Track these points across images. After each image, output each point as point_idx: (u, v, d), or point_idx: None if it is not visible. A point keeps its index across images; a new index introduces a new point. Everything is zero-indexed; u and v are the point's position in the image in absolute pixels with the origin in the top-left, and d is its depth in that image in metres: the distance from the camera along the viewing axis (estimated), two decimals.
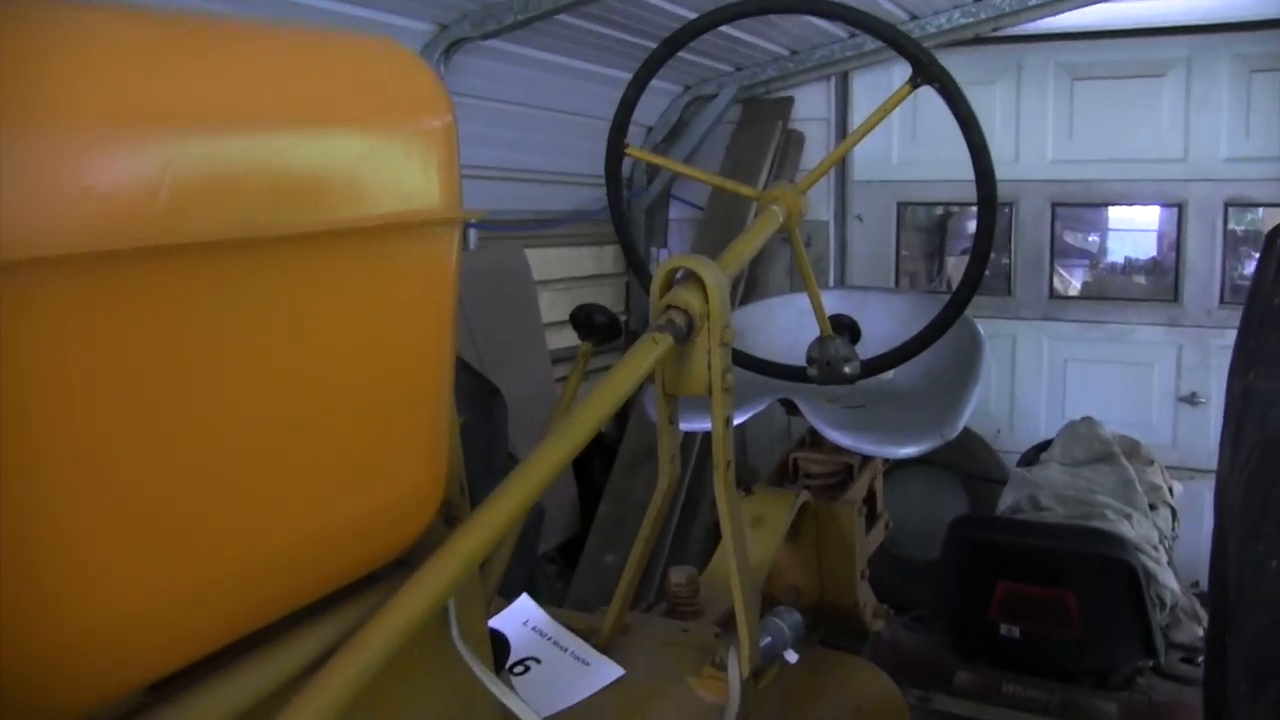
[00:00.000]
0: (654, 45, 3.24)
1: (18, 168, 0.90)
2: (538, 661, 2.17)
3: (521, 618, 2.23)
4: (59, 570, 1.00)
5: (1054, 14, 6.10)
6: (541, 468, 1.55)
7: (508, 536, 2.07)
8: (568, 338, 6.38)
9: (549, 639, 2.19)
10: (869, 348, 2.85)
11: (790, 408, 3.10)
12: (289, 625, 1.28)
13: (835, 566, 3.25)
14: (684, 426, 2.21)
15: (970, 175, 2.55)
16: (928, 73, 2.51)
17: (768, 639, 2.22)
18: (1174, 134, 6.18)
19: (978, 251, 2.62)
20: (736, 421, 2.22)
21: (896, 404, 3.32)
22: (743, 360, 2.79)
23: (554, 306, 6.40)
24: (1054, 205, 6.56)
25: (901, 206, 6.97)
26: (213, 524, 1.13)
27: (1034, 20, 6.21)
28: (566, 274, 6.75)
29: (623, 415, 6.44)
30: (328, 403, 1.26)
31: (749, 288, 6.67)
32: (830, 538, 3.23)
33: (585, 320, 2.57)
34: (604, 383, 1.77)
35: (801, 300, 2.97)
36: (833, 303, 3.09)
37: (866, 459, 3.35)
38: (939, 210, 7.41)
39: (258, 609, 1.23)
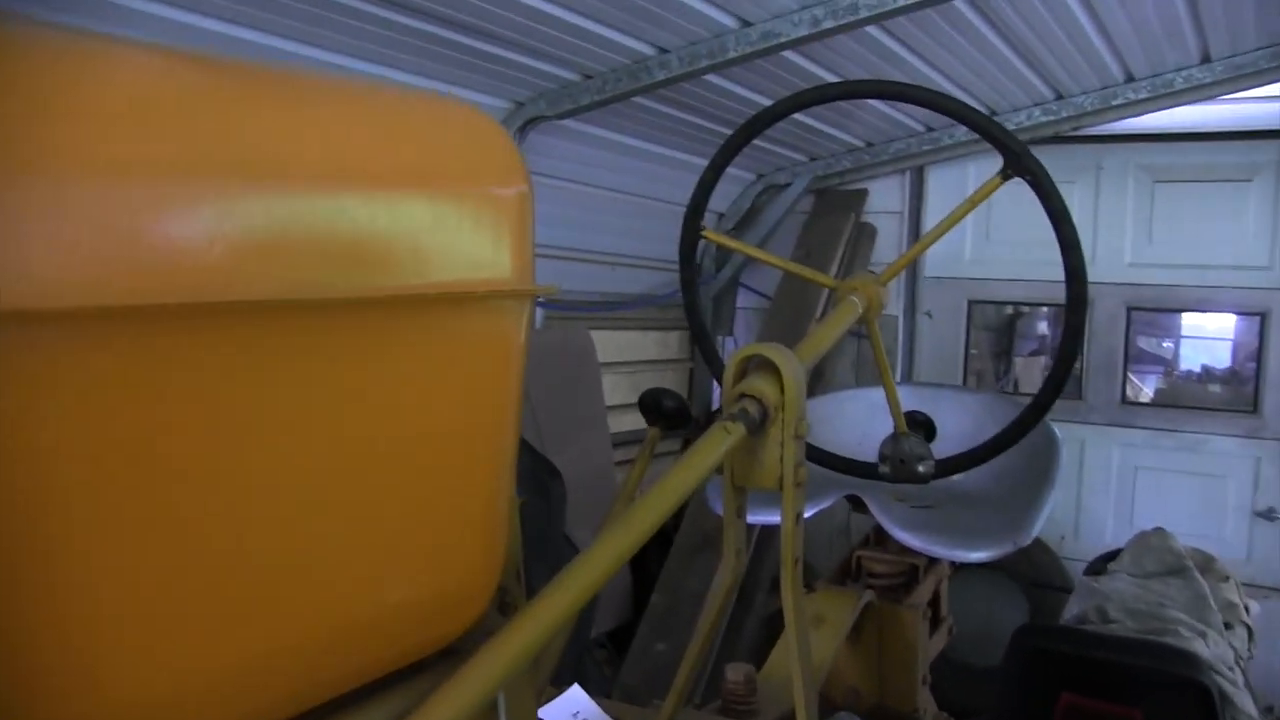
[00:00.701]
0: (728, 131, 3.21)
1: (54, 213, 0.88)
2: None
3: (572, 708, 2.19)
4: (88, 651, 0.97)
5: (1136, 115, 6.07)
6: (604, 559, 1.49)
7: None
8: (630, 421, 6.35)
9: None
10: (942, 447, 2.81)
11: (857, 504, 3.07)
12: (331, 712, 1.23)
13: (897, 670, 3.23)
14: (750, 519, 2.15)
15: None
16: (1019, 164, 2.48)
17: None
18: (1260, 240, 6.08)
19: (1064, 354, 2.58)
20: (805, 516, 2.16)
21: (967, 506, 3.30)
22: (813, 454, 2.75)
23: (616, 389, 6.40)
24: (1129, 309, 6.48)
25: (972, 304, 6.92)
26: (251, 605, 1.09)
27: (1116, 121, 6.16)
28: (631, 357, 6.75)
29: (682, 504, 6.37)
30: (380, 478, 1.22)
31: (813, 379, 6.61)
32: (893, 640, 3.21)
33: (654, 405, 2.52)
34: (671, 472, 1.72)
35: (872, 394, 2.95)
36: (904, 399, 3.05)
37: (933, 561, 3.34)
38: (1008, 310, 7.37)
39: (298, 694, 1.19)
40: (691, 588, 5.91)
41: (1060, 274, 2.56)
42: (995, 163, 2.57)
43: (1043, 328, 7.34)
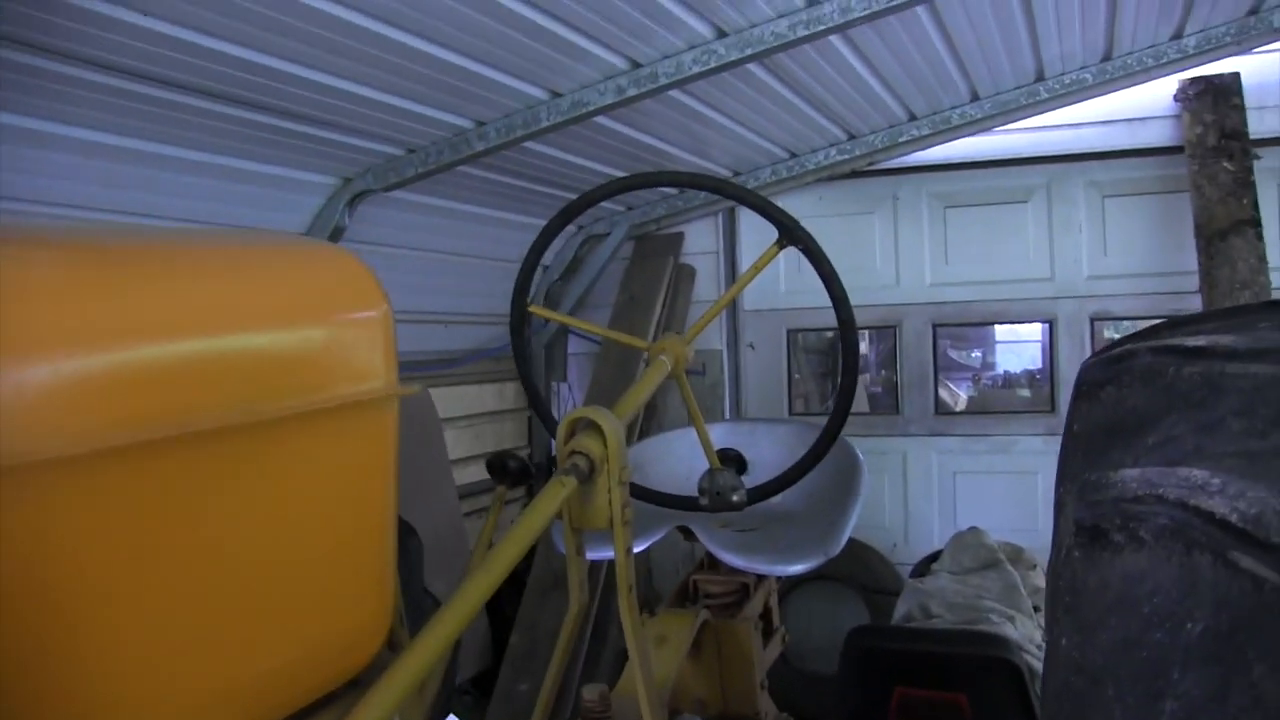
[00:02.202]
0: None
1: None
2: None
3: None
4: (98, 693, 1.22)
5: (923, 149, 6.58)
6: (470, 599, 1.76)
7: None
8: (474, 473, 6.49)
9: None
10: (758, 475, 3.08)
11: (687, 534, 3.32)
12: None
13: (736, 679, 3.44)
14: (590, 556, 2.43)
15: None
16: (792, 236, 2.83)
17: None
18: (1040, 255, 6.59)
19: (844, 387, 2.89)
20: (638, 549, 2.45)
21: (784, 525, 3.54)
22: (641, 493, 3.02)
23: (459, 442, 6.49)
24: (935, 326, 6.88)
25: (791, 333, 7.23)
26: (210, 654, 1.34)
27: (905, 155, 6.64)
28: (470, 411, 6.84)
29: (530, 547, 6.50)
30: (300, 549, 1.47)
31: (648, 415, 6.81)
32: (730, 652, 3.42)
33: (500, 467, 2.81)
34: (518, 521, 2.01)
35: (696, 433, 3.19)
36: (723, 435, 3.32)
37: (761, 578, 3.56)
38: (828, 333, 7.65)
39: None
40: (547, 626, 6.06)
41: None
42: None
43: (862, 347, 7.65)
